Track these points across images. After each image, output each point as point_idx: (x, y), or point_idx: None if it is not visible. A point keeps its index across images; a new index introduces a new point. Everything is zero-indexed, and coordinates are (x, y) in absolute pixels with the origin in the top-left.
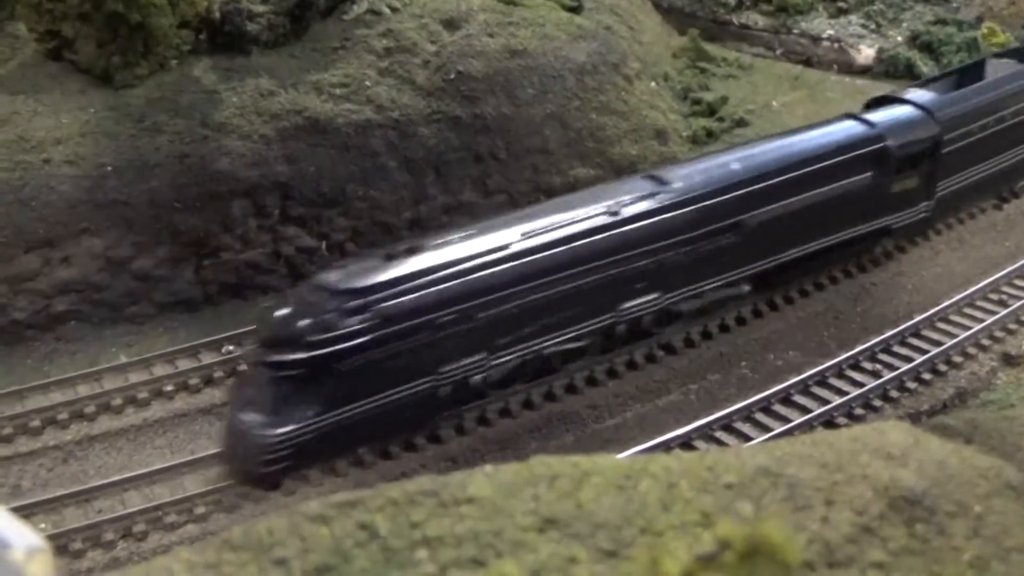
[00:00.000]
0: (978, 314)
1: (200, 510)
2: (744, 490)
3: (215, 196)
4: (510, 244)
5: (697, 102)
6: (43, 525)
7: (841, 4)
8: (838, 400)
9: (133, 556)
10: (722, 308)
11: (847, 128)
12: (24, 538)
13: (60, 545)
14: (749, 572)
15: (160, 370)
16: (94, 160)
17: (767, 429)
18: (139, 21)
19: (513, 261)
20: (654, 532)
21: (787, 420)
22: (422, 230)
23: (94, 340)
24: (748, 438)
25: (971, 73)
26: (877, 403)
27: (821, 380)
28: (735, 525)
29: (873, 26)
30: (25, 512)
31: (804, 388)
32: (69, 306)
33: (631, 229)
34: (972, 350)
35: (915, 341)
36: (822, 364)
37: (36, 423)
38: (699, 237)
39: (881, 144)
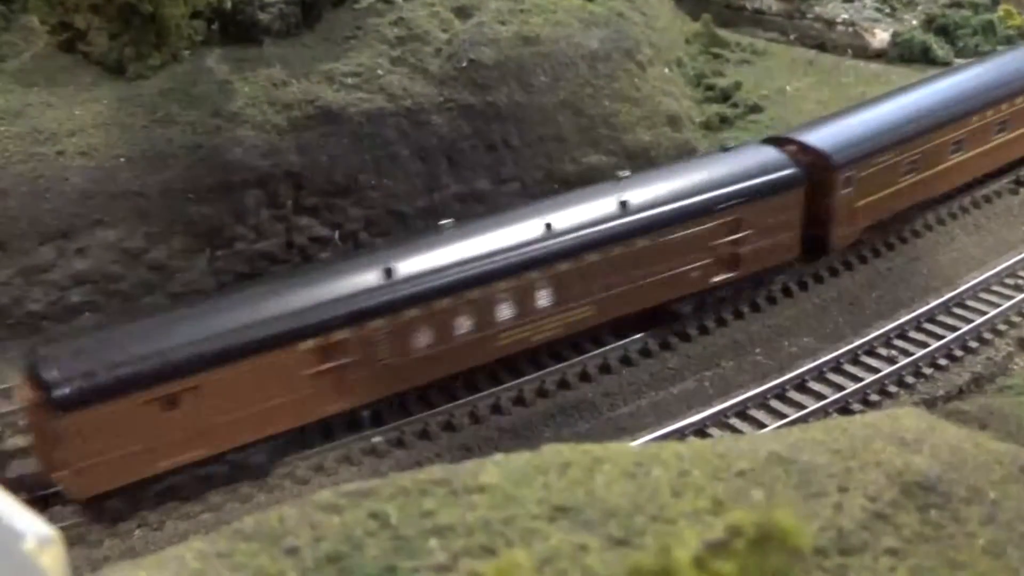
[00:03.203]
0: (994, 299)
1: None
2: (756, 477)
3: (228, 186)
4: None
5: (711, 88)
6: None
7: None
8: (853, 386)
9: (149, 546)
10: None
11: None
12: (36, 529)
13: None
14: (760, 559)
15: None
16: (107, 151)
17: (781, 416)
18: (151, 12)
19: None
20: (665, 519)
21: (801, 407)
22: (435, 218)
23: None
24: (762, 425)
25: None
26: (892, 389)
27: (836, 366)
28: (746, 512)
29: (888, 9)
30: None
31: (819, 374)
32: (84, 297)
33: None
34: (988, 335)
35: (930, 326)
36: (837, 350)
37: None
38: None
39: None
